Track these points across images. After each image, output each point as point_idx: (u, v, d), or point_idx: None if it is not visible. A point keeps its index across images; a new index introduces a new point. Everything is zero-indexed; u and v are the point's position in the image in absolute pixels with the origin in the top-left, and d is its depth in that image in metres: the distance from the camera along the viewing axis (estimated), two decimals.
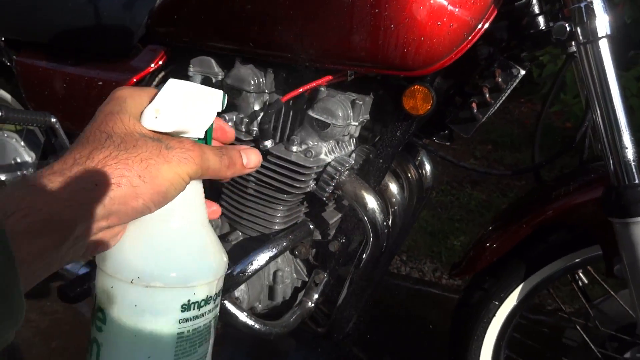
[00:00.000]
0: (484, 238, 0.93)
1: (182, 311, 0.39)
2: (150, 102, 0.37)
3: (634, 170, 0.71)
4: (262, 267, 0.81)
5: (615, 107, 0.70)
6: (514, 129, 3.28)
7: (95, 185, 0.33)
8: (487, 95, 0.81)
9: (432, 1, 0.74)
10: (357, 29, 0.76)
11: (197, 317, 0.40)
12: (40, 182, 0.32)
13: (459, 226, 2.29)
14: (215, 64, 0.93)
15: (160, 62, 1.01)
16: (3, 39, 1.18)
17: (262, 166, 0.86)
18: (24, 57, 1.13)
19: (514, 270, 0.90)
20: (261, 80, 0.88)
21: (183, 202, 0.38)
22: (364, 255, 0.90)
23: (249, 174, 0.88)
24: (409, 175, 1.08)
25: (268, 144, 0.85)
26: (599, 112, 0.72)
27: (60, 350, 1.43)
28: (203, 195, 0.41)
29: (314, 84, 0.83)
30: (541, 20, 0.79)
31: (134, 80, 1.00)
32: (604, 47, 0.70)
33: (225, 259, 0.42)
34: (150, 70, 1.01)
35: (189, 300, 0.39)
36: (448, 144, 0.96)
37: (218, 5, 0.88)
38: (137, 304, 0.38)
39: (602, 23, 0.69)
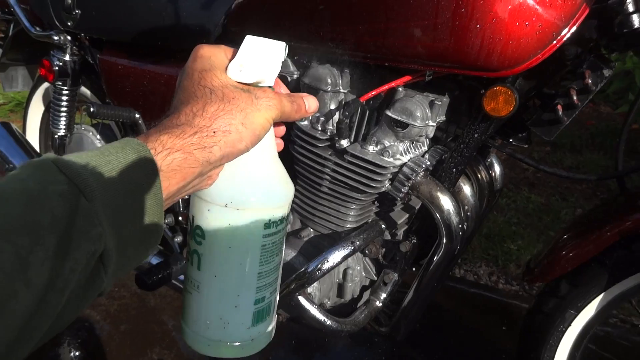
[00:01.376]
0: (560, 244, 0.90)
1: (264, 228, 0.48)
2: (228, 57, 0.44)
3: None
4: (336, 265, 0.82)
5: None
6: (574, 130, 3.14)
7: (213, 132, 0.41)
8: (575, 97, 0.78)
9: (519, 1, 0.72)
10: (441, 28, 0.75)
11: (275, 233, 0.49)
12: (176, 130, 0.40)
13: (516, 230, 2.22)
14: (291, 63, 0.94)
15: None
16: (87, 38, 1.25)
17: (338, 165, 0.87)
18: (107, 55, 1.19)
19: (594, 278, 0.87)
20: (337, 79, 0.88)
21: (263, 142, 0.46)
22: (435, 257, 0.89)
23: (324, 173, 0.89)
24: (479, 177, 1.06)
25: (344, 142, 0.85)
26: None
27: (128, 333, 1.51)
28: (273, 133, 0.49)
29: (392, 84, 0.82)
30: (636, 19, 0.75)
31: None
32: None
33: (292, 186, 0.51)
34: None
35: (269, 220, 0.48)
36: (526, 146, 0.94)
37: (295, 4, 0.89)
38: (230, 223, 0.47)
39: None
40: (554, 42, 0.75)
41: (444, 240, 0.86)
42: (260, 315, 0.51)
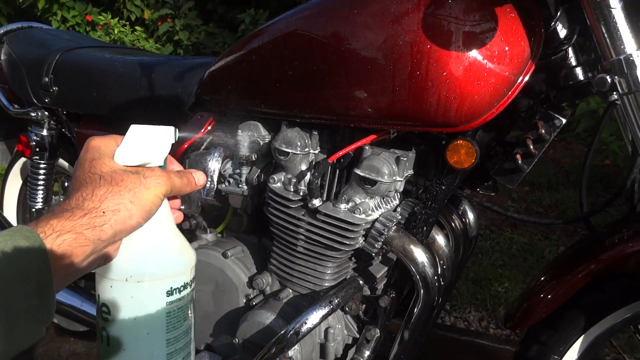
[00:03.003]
0: (536, 289, 0.91)
1: (167, 296, 0.51)
2: (117, 145, 0.49)
3: None
4: (315, 326, 0.82)
5: None
6: (550, 169, 3.23)
7: (103, 212, 0.44)
8: (531, 147, 0.82)
9: (470, 61, 0.77)
10: (400, 90, 0.80)
11: (179, 299, 0.52)
12: (66, 213, 0.43)
13: (502, 272, 2.22)
14: (262, 128, 0.98)
15: (209, 128, 1.07)
16: (65, 112, 1.28)
17: (312, 224, 0.89)
18: (84, 128, 1.22)
19: (572, 321, 0.87)
20: (307, 141, 0.91)
21: (157, 215, 0.50)
22: (415, 310, 0.89)
23: (298, 233, 0.90)
24: (453, 225, 1.08)
25: (316, 202, 0.87)
26: None
27: None
28: (169, 207, 0.54)
29: (359, 143, 0.86)
30: (579, 71, 0.81)
31: (186, 145, 1.06)
32: None
33: (193, 253, 0.55)
34: (200, 135, 1.07)
35: (171, 287, 0.51)
36: (493, 194, 0.97)
37: (262, 74, 0.93)
38: (132, 296, 0.50)
39: None
40: (506, 97, 0.79)
41: (422, 292, 0.87)
42: None
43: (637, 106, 0.71)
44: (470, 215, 1.15)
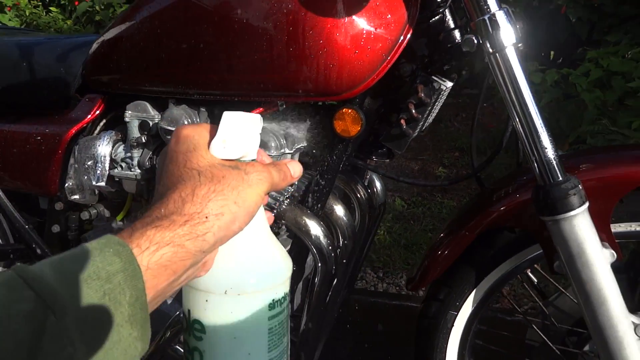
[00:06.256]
0: (433, 249, 0.94)
1: (269, 310, 0.45)
2: (210, 134, 0.44)
3: (555, 168, 0.73)
4: None
5: (530, 110, 0.73)
6: (478, 134, 3.35)
7: (205, 217, 0.39)
8: (414, 111, 0.84)
9: (346, 27, 0.76)
10: (279, 60, 0.78)
11: (280, 312, 0.47)
12: (164, 221, 0.38)
13: (433, 236, 2.30)
14: (150, 108, 0.93)
15: (98, 111, 1.02)
16: None
17: None
18: None
19: (464, 277, 0.91)
20: (194, 119, 0.88)
21: (256, 218, 0.44)
22: (315, 280, 0.90)
23: None
24: (358, 195, 1.09)
25: None
26: (516, 116, 0.74)
27: None
28: (263, 207, 0.48)
29: None
30: (457, 34, 0.82)
31: (74, 130, 1.00)
32: (512, 55, 0.73)
33: (289, 259, 0.49)
34: (90, 119, 1.01)
35: (273, 300, 0.45)
36: (387, 161, 0.98)
37: (145, 50, 0.89)
38: (232, 311, 0.44)
39: (507, 33, 0.72)
40: (386, 62, 0.80)
41: (319, 264, 0.87)
42: None
43: (502, 65, 0.73)
44: (378, 184, 1.17)
